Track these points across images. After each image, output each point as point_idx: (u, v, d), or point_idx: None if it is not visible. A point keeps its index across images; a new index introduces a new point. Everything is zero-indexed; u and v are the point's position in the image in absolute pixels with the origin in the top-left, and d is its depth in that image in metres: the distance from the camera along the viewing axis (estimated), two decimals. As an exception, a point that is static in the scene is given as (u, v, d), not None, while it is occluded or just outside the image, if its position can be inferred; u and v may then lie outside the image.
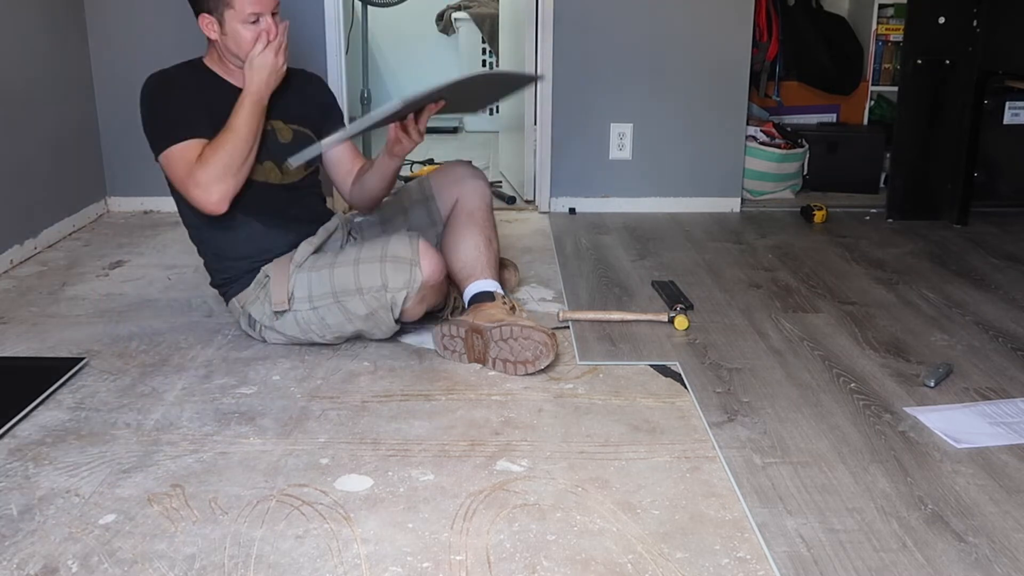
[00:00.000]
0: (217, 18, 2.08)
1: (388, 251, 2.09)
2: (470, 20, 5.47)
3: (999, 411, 1.94)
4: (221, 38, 2.10)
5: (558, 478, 1.66)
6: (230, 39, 2.09)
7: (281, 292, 2.14)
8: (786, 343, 2.32)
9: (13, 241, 2.92)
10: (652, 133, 3.67)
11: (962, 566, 1.42)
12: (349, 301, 2.11)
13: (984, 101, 3.45)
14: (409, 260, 2.06)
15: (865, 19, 4.23)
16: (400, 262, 2.07)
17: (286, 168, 2.19)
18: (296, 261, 2.16)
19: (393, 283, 2.07)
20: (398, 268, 2.06)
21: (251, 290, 2.20)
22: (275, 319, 2.17)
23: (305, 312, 2.14)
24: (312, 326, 2.16)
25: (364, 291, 2.09)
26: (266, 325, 2.20)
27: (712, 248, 3.20)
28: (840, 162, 4.02)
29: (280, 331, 2.20)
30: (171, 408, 1.93)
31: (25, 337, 2.32)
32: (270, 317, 2.18)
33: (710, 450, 1.77)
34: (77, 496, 1.59)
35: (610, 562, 1.41)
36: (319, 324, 2.16)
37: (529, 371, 2.05)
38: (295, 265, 2.15)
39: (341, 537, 1.47)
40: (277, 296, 2.14)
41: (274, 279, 2.16)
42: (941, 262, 3.04)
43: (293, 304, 2.14)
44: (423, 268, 2.07)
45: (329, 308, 2.12)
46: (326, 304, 2.12)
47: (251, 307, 2.20)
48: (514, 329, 2.05)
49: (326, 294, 2.12)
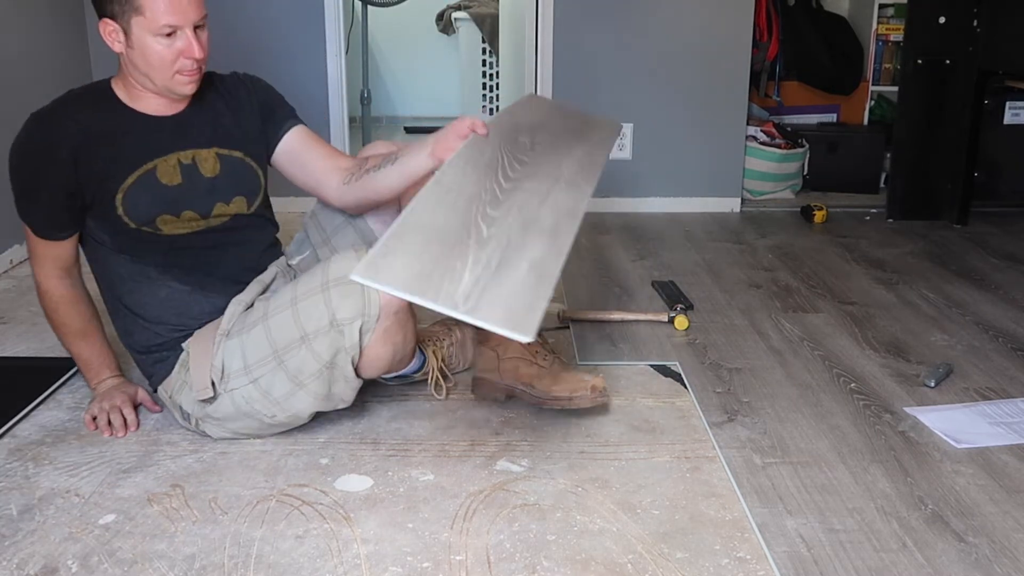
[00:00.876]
0: (122, 26, 1.64)
1: (330, 274, 1.62)
2: (470, 20, 5.46)
3: (999, 411, 1.94)
4: (127, 51, 1.66)
5: (558, 478, 1.66)
6: (137, 53, 1.65)
7: (203, 374, 1.70)
8: (786, 343, 2.32)
9: (13, 241, 2.92)
10: (652, 133, 3.67)
11: (962, 566, 1.42)
12: (294, 356, 1.64)
13: (984, 101, 3.45)
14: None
15: (865, 19, 4.23)
16: (348, 284, 1.59)
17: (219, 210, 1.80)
18: (223, 329, 1.72)
19: (342, 312, 1.60)
20: (346, 292, 1.60)
21: (176, 375, 1.76)
22: (205, 407, 1.72)
23: (243, 388, 1.68)
24: (255, 404, 1.69)
25: (310, 336, 1.62)
26: (200, 417, 1.75)
27: (712, 248, 3.20)
28: (840, 162, 4.02)
29: (218, 420, 1.73)
30: (171, 408, 1.92)
31: (25, 337, 2.32)
32: (200, 406, 1.73)
33: (710, 450, 1.77)
34: (77, 496, 1.59)
35: (610, 562, 1.41)
36: (263, 400, 1.68)
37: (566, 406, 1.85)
38: (221, 334, 1.71)
39: (341, 537, 1.47)
40: (199, 380, 1.70)
41: (194, 357, 1.73)
42: (941, 262, 3.04)
43: (227, 383, 1.69)
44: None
45: (273, 374, 1.66)
46: (267, 370, 1.66)
47: (180, 397, 1.76)
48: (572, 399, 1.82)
49: (265, 357, 1.66)
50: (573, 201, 1.66)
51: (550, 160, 1.80)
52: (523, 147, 1.78)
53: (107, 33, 1.66)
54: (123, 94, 1.74)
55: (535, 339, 1.28)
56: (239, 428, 1.75)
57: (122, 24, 1.63)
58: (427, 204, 1.46)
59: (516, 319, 1.28)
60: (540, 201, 1.61)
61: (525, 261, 1.41)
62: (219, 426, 1.75)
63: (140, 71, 1.68)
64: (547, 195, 1.64)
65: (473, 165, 1.60)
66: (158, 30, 1.62)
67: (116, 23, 1.64)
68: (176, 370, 1.76)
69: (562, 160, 1.82)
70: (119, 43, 1.66)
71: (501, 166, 1.66)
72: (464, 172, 1.58)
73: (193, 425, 1.78)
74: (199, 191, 1.76)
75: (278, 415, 1.71)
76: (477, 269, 1.35)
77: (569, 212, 1.61)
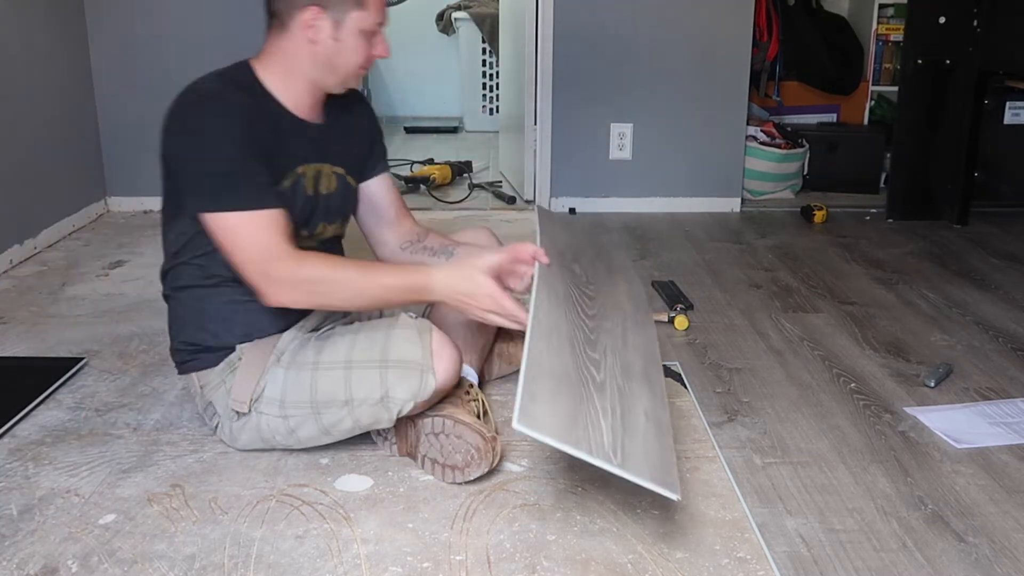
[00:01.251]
0: (335, 18, 1.57)
1: (391, 351, 1.59)
2: (470, 20, 5.46)
3: (999, 411, 1.94)
4: (324, 43, 1.58)
5: (558, 478, 1.66)
6: (338, 47, 1.59)
7: (246, 388, 1.64)
8: (786, 343, 2.32)
9: (13, 241, 2.92)
10: (652, 133, 3.67)
11: (962, 566, 1.42)
12: (333, 414, 1.62)
13: (984, 101, 3.45)
14: (419, 365, 1.57)
15: (865, 19, 4.23)
16: (407, 368, 1.57)
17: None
18: (279, 349, 1.67)
19: (396, 393, 1.58)
20: (405, 376, 1.57)
21: (219, 371, 1.68)
22: (234, 419, 1.68)
23: (272, 418, 1.65)
24: (277, 436, 1.67)
25: (355, 403, 1.59)
26: (223, 421, 1.71)
27: (712, 248, 3.20)
28: (840, 162, 4.02)
29: (236, 431, 1.69)
30: (171, 408, 1.92)
31: (25, 337, 2.32)
32: (231, 416, 1.68)
33: (710, 450, 1.77)
34: (77, 496, 1.59)
35: (610, 562, 1.41)
36: (286, 435, 1.66)
37: (458, 480, 1.62)
38: (276, 355, 1.66)
39: (341, 537, 1.47)
40: (240, 391, 1.64)
41: (244, 366, 1.65)
42: (941, 262, 3.04)
43: (259, 405, 1.64)
44: (437, 372, 1.58)
45: (304, 420, 1.63)
46: (301, 416, 1.63)
47: (215, 394, 1.70)
48: (447, 423, 1.62)
49: (303, 403, 1.62)
50: (647, 342, 1.73)
51: (607, 293, 1.84)
52: (581, 279, 1.79)
53: (307, 21, 1.56)
54: (274, 85, 1.63)
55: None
56: (248, 444, 1.71)
57: (335, 16, 1.57)
58: (540, 345, 1.42)
59: (661, 475, 1.32)
60: (623, 343, 1.66)
61: (640, 410, 1.46)
62: (231, 436, 1.71)
63: (325, 65, 1.61)
64: (624, 336, 1.69)
65: (555, 300, 1.59)
66: (371, 27, 1.60)
67: (326, 13, 1.56)
68: (221, 367, 1.68)
69: (616, 292, 1.88)
70: (324, 33, 1.58)
71: (577, 302, 1.66)
72: (552, 309, 1.55)
73: (210, 422, 1.74)
74: (318, 207, 1.71)
75: (293, 447, 1.71)
76: (608, 418, 1.37)
77: (651, 357, 1.68)
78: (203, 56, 2.24)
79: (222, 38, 3.47)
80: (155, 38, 3.46)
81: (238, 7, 3.43)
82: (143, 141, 3.72)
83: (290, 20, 1.59)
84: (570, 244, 1.97)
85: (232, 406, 1.65)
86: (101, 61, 3.49)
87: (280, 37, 1.61)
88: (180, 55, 3.48)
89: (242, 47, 1.76)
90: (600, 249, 2.27)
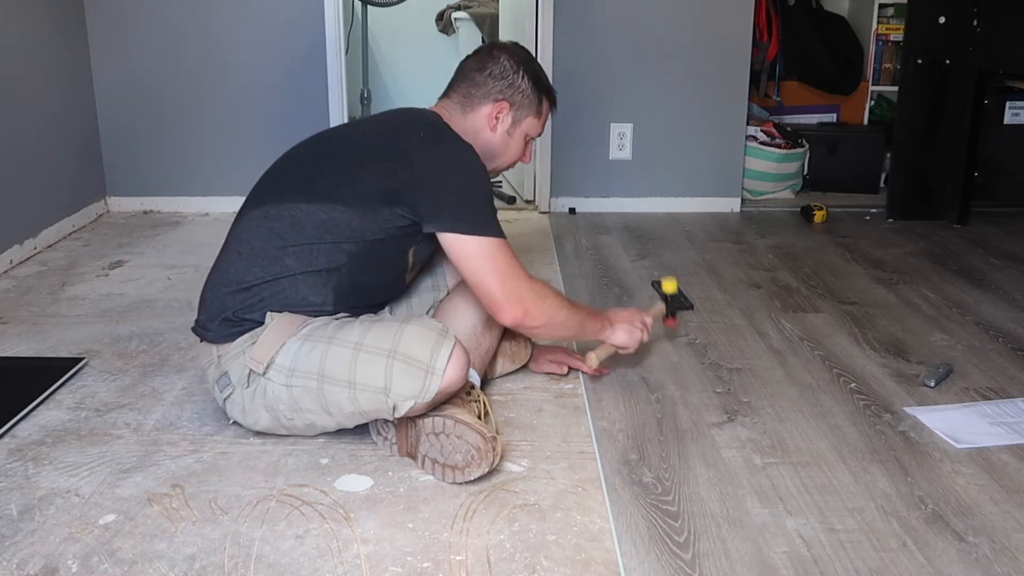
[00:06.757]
0: (516, 117, 1.89)
1: (401, 345, 1.62)
2: (470, 20, 5.46)
3: (999, 411, 1.94)
4: (498, 133, 1.88)
5: (558, 478, 1.66)
6: (504, 139, 1.90)
7: (267, 351, 1.68)
8: (786, 343, 2.32)
9: (13, 241, 2.92)
10: (652, 133, 3.67)
11: (962, 566, 1.42)
12: (335, 392, 1.65)
13: (984, 101, 3.45)
14: (425, 366, 1.60)
15: (865, 19, 4.23)
16: (413, 365, 1.60)
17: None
18: (305, 325, 1.72)
19: (398, 389, 1.60)
20: (409, 373, 1.60)
21: (240, 342, 1.72)
22: (244, 385, 1.71)
23: (277, 386, 1.68)
24: (281, 406, 1.69)
25: (357, 386, 1.63)
26: (235, 390, 1.73)
27: (712, 248, 3.20)
28: (840, 162, 4.02)
29: (245, 404, 1.73)
30: (171, 408, 1.93)
31: (25, 337, 2.32)
32: (243, 383, 1.72)
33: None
34: (77, 496, 1.59)
35: (610, 562, 1.41)
36: (289, 406, 1.69)
37: (458, 480, 1.62)
38: (300, 328, 1.71)
39: (341, 537, 1.47)
40: (261, 352, 1.68)
41: (272, 329, 1.70)
42: (941, 262, 3.04)
43: (270, 372, 1.68)
44: (444, 375, 1.60)
45: (307, 392, 1.66)
46: (306, 385, 1.66)
47: (231, 363, 1.73)
48: (447, 423, 1.63)
49: (310, 373, 1.65)
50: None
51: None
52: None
53: (493, 113, 1.87)
54: None
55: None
56: (255, 422, 1.74)
57: (516, 116, 1.89)
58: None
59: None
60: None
61: None
62: (241, 408, 1.73)
63: (488, 151, 1.87)
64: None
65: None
66: (533, 135, 1.93)
67: (511, 112, 1.88)
68: (244, 338, 1.72)
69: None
70: (503, 125, 1.88)
71: None
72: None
73: (219, 395, 1.76)
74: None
75: (296, 421, 1.72)
76: None
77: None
78: (203, 57, 2.27)
79: (222, 39, 3.48)
80: (155, 38, 3.46)
81: (238, 7, 3.43)
82: (143, 141, 3.74)
83: (481, 105, 1.87)
84: None
85: (248, 364, 1.69)
86: (101, 61, 3.49)
87: (465, 113, 1.88)
88: (180, 56, 3.48)
89: (242, 47, 1.76)
90: None
